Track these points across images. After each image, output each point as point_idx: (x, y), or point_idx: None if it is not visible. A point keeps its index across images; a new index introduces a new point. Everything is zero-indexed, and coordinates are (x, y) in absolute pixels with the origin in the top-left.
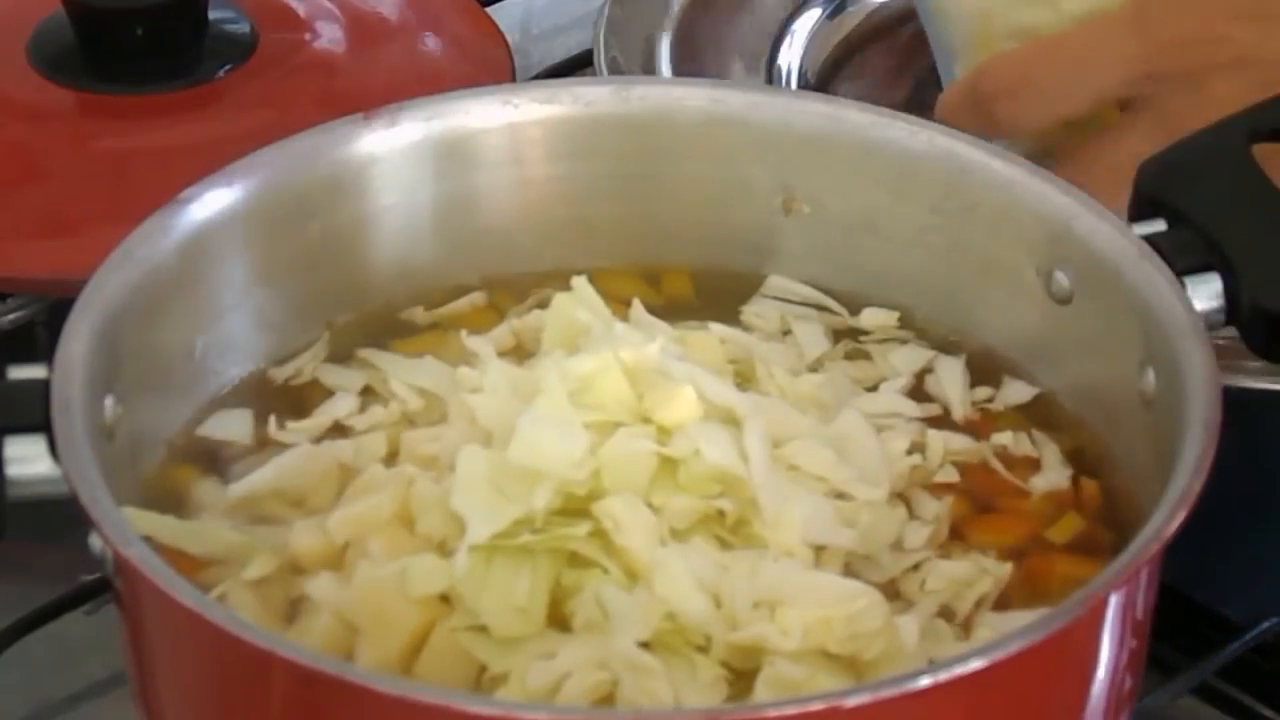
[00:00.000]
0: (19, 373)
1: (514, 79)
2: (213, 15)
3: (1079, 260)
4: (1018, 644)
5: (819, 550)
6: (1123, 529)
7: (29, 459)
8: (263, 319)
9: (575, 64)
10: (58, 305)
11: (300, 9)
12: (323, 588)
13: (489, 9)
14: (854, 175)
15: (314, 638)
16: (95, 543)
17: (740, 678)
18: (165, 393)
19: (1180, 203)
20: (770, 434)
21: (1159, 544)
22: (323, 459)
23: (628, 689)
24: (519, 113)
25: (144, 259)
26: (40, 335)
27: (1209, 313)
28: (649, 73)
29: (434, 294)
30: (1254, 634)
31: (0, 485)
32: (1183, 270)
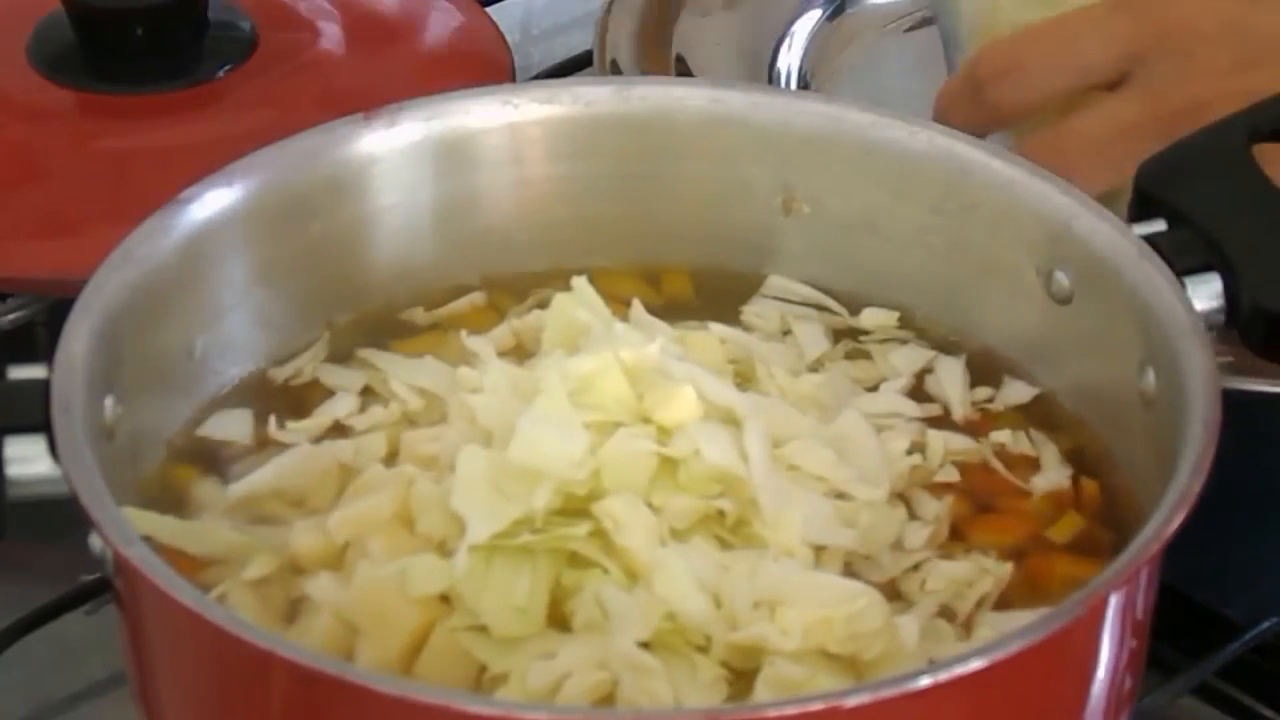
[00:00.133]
0: (19, 373)
1: (514, 79)
2: (213, 15)
3: (1079, 260)
4: (1018, 644)
5: (819, 550)
6: (1123, 529)
7: (29, 459)
8: (263, 319)
9: (575, 64)
10: (58, 305)
11: (300, 9)
12: (323, 588)
13: (489, 9)
14: (854, 175)
15: (314, 638)
16: (95, 543)
17: (740, 678)
18: (165, 393)
19: (1180, 203)
20: (770, 434)
21: (1159, 544)
22: (323, 459)
23: (628, 689)
24: (519, 113)
25: (144, 259)
26: (40, 335)
27: (1209, 313)
28: (649, 73)
29: (434, 294)
30: (1254, 634)
31: (0, 485)
32: (1183, 270)
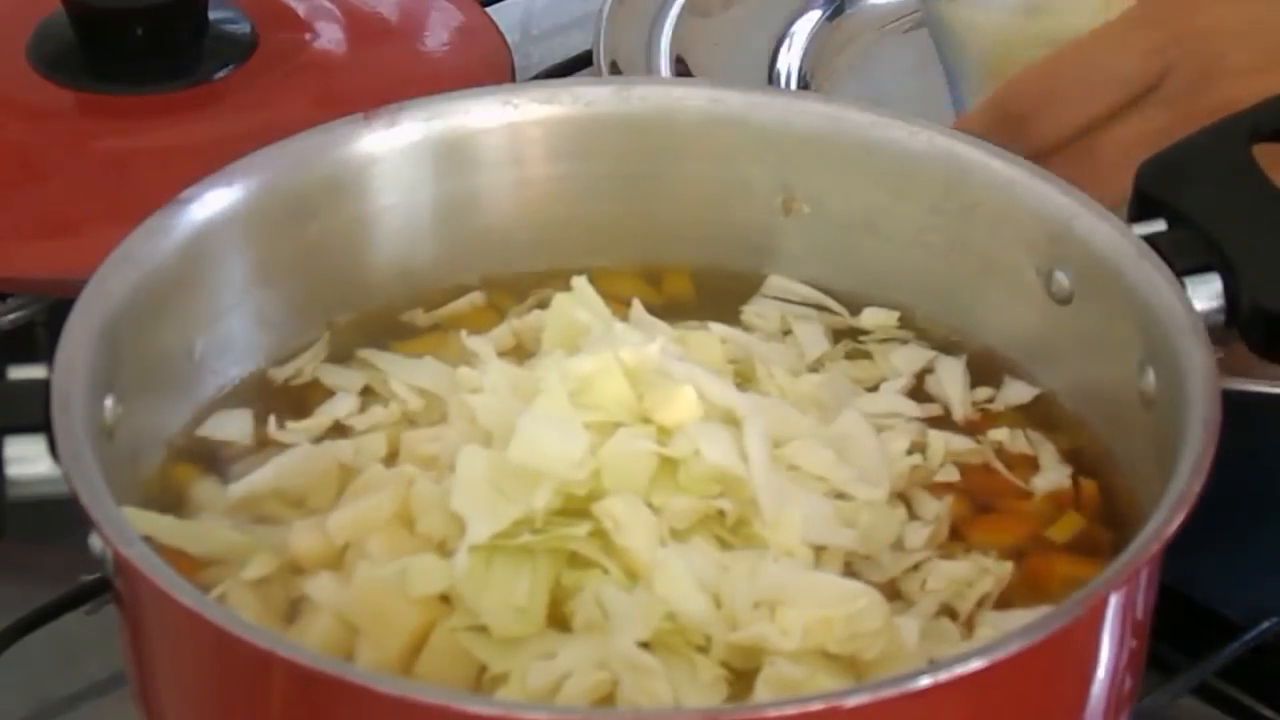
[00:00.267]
0: (19, 373)
1: (514, 79)
2: (213, 15)
3: (1079, 260)
4: (1018, 644)
5: (819, 550)
6: (1123, 529)
7: (29, 459)
8: (263, 319)
9: (575, 64)
10: (58, 305)
11: (300, 9)
12: (323, 588)
13: (489, 9)
14: (854, 175)
15: (314, 638)
16: (95, 543)
17: (740, 678)
18: (165, 393)
19: (1180, 203)
20: (770, 434)
21: (1159, 544)
22: (323, 459)
23: (628, 689)
24: (519, 113)
25: (144, 259)
26: (40, 335)
27: (1209, 313)
28: (649, 73)
29: (434, 294)
30: (1254, 634)
31: (0, 485)
32: (1183, 270)
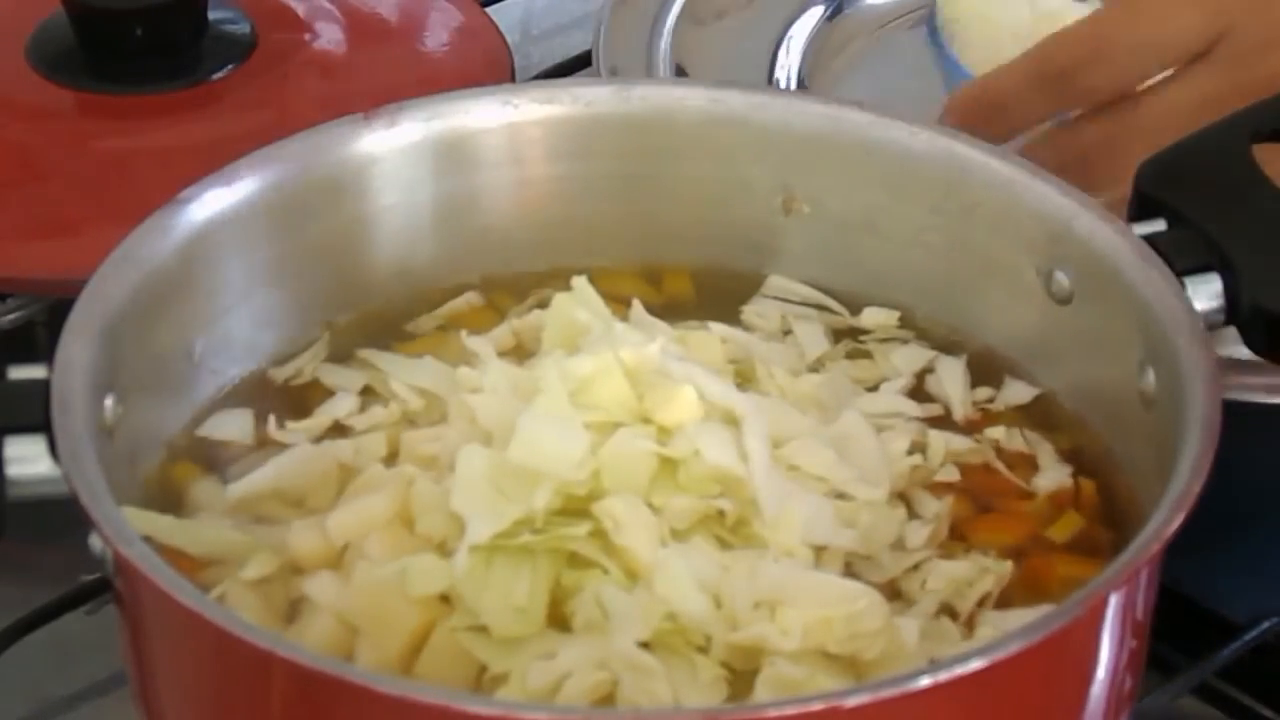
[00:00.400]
0: (19, 373)
1: (514, 79)
2: (213, 15)
3: (1079, 260)
4: (1018, 644)
5: (819, 550)
6: (1122, 529)
7: (29, 459)
8: (263, 319)
9: (575, 64)
10: (58, 305)
11: (300, 9)
12: (323, 588)
13: (489, 9)
14: (854, 175)
15: (314, 638)
16: (95, 543)
17: (740, 678)
18: (165, 393)
19: (1180, 203)
20: (770, 434)
21: (1159, 544)
22: (323, 459)
23: (628, 689)
24: (519, 113)
25: (144, 259)
26: (40, 335)
27: (1209, 313)
28: (648, 74)
29: (434, 294)
30: (1254, 634)
31: (0, 485)
32: (1183, 270)
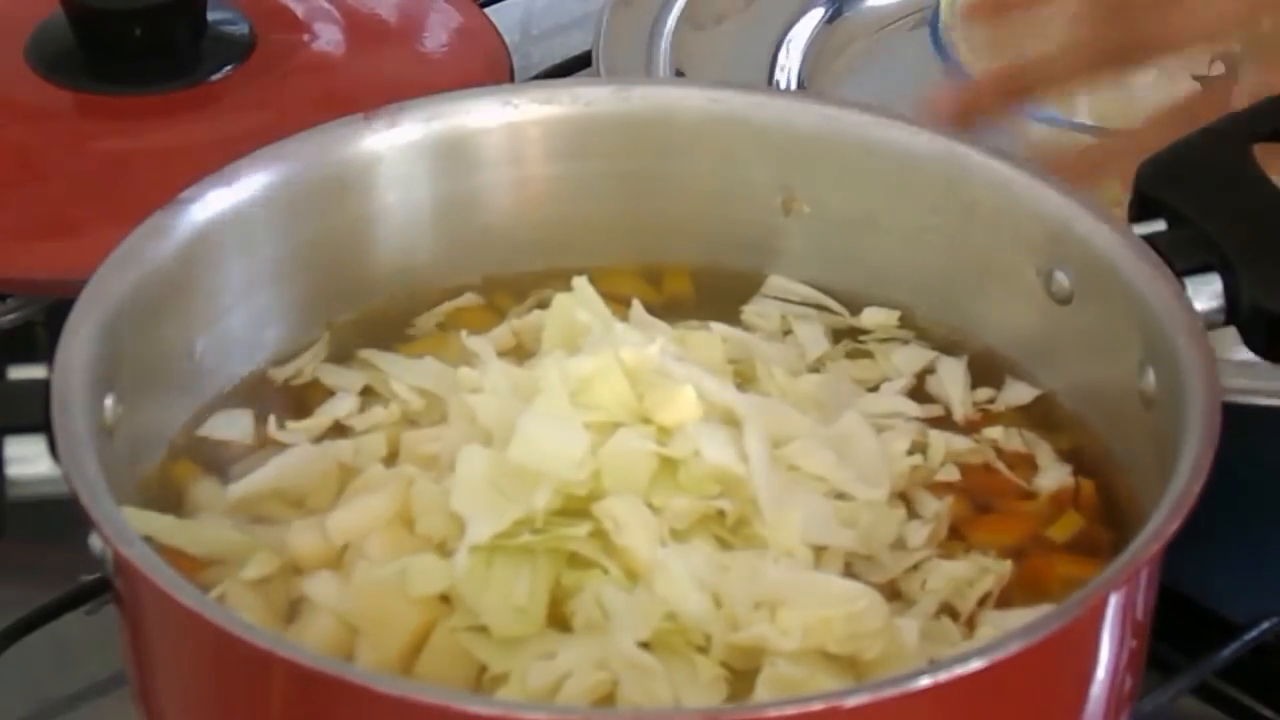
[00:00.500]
0: (19, 373)
1: (513, 79)
2: (212, 16)
3: (1079, 260)
4: (1018, 644)
5: (819, 551)
6: (1123, 529)
7: (29, 459)
8: (263, 319)
9: (575, 64)
10: (58, 305)
11: (299, 10)
12: (323, 588)
13: (489, 9)
14: (854, 175)
15: (314, 638)
16: (95, 543)
17: (740, 678)
18: (165, 393)
19: (1180, 203)
20: (770, 434)
21: (1159, 544)
22: (323, 459)
23: (628, 689)
24: (519, 113)
25: (144, 259)
26: (40, 335)
27: (1209, 313)
28: (648, 75)
29: (434, 294)
30: (1254, 634)
31: (0, 485)
32: (1183, 270)
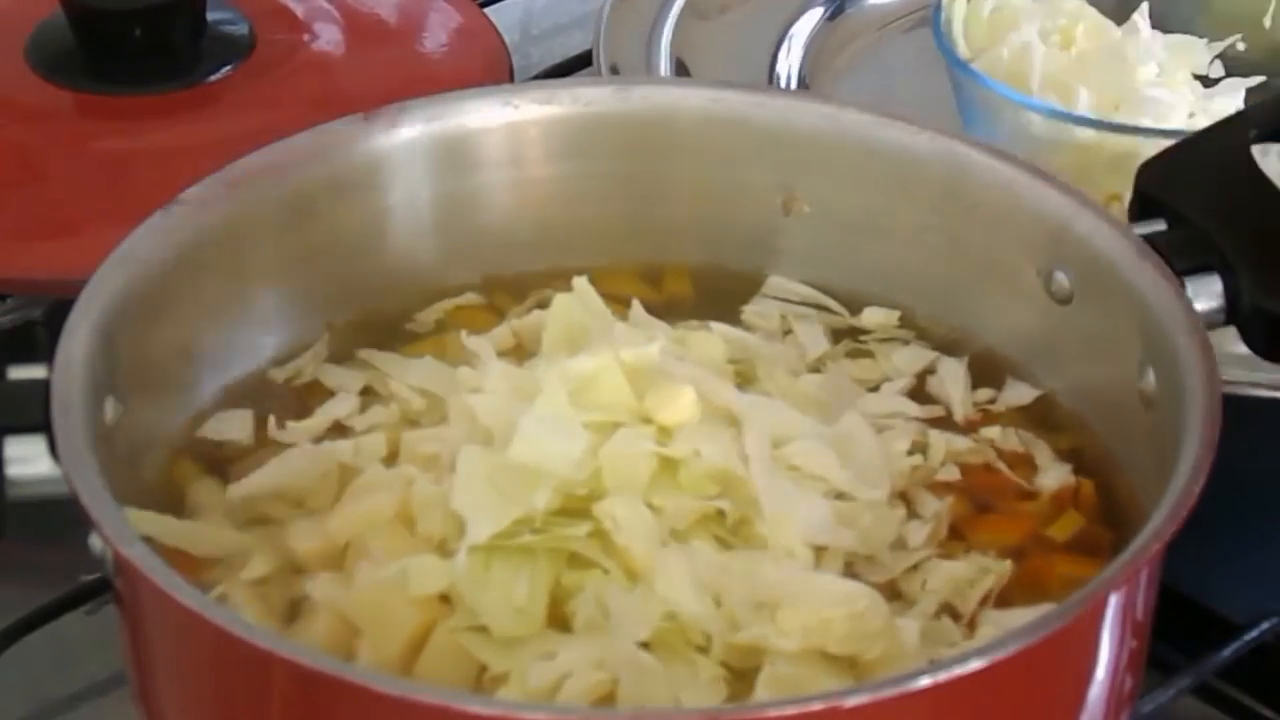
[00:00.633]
0: (19, 373)
1: (513, 79)
2: (211, 16)
3: (1079, 260)
4: (1018, 644)
5: (819, 551)
6: (1122, 529)
7: (29, 459)
8: (263, 319)
9: (575, 64)
10: (58, 305)
11: (299, 10)
12: (323, 588)
13: (489, 9)
14: (854, 175)
15: (314, 638)
16: (95, 543)
17: (740, 678)
18: (165, 393)
19: (1180, 203)
20: (770, 434)
21: (1159, 544)
22: (323, 459)
23: (628, 689)
24: (519, 113)
25: (144, 259)
26: (40, 335)
27: (1209, 313)
28: (649, 73)
29: (434, 294)
30: (1254, 634)
31: (0, 485)
32: (1183, 270)
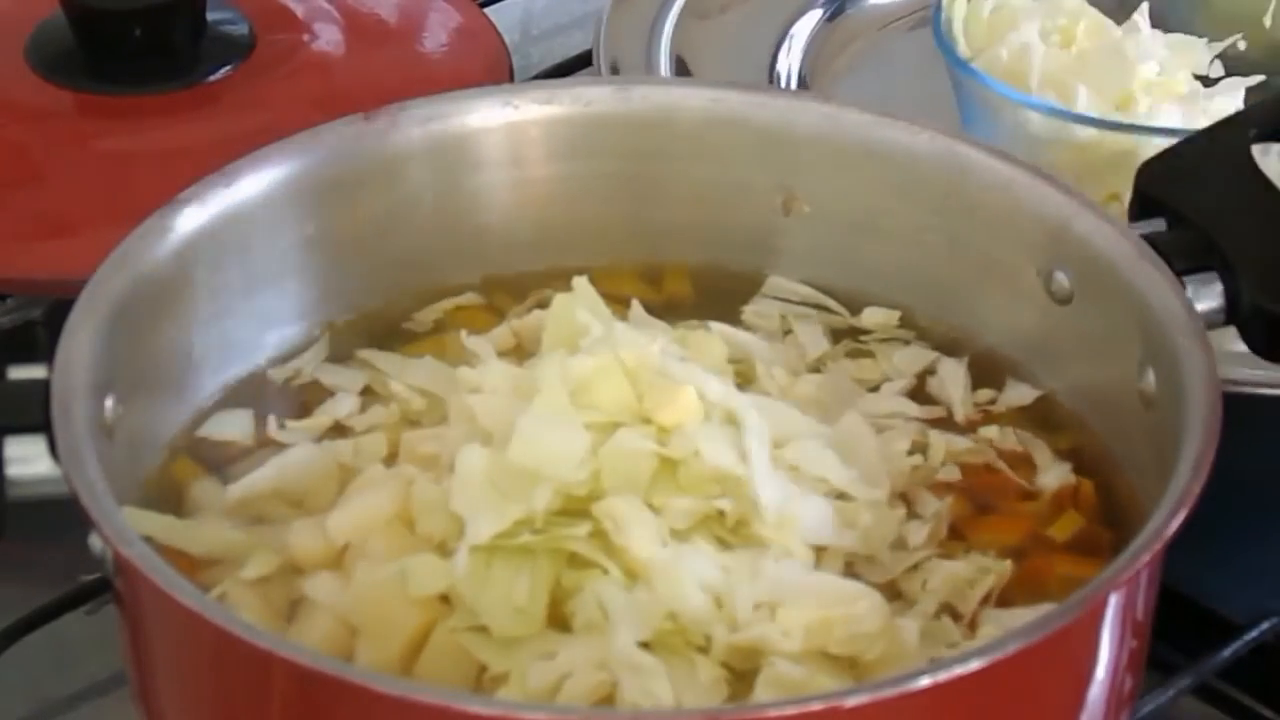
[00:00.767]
0: (19, 373)
1: (513, 79)
2: (211, 16)
3: (1079, 260)
4: (1017, 644)
5: (819, 551)
6: (1122, 529)
7: (29, 459)
8: (262, 319)
9: (575, 64)
10: (58, 305)
11: (298, 10)
12: (323, 588)
13: (489, 9)
14: (854, 175)
15: (314, 638)
16: (95, 543)
17: (740, 678)
18: (165, 393)
19: (1180, 203)
20: (770, 434)
21: (1159, 544)
22: (323, 459)
23: (628, 689)
24: (519, 113)
25: (144, 259)
26: (40, 335)
27: (1209, 313)
28: (649, 73)
29: (434, 294)
30: (1254, 634)
31: (0, 485)
32: (1183, 270)
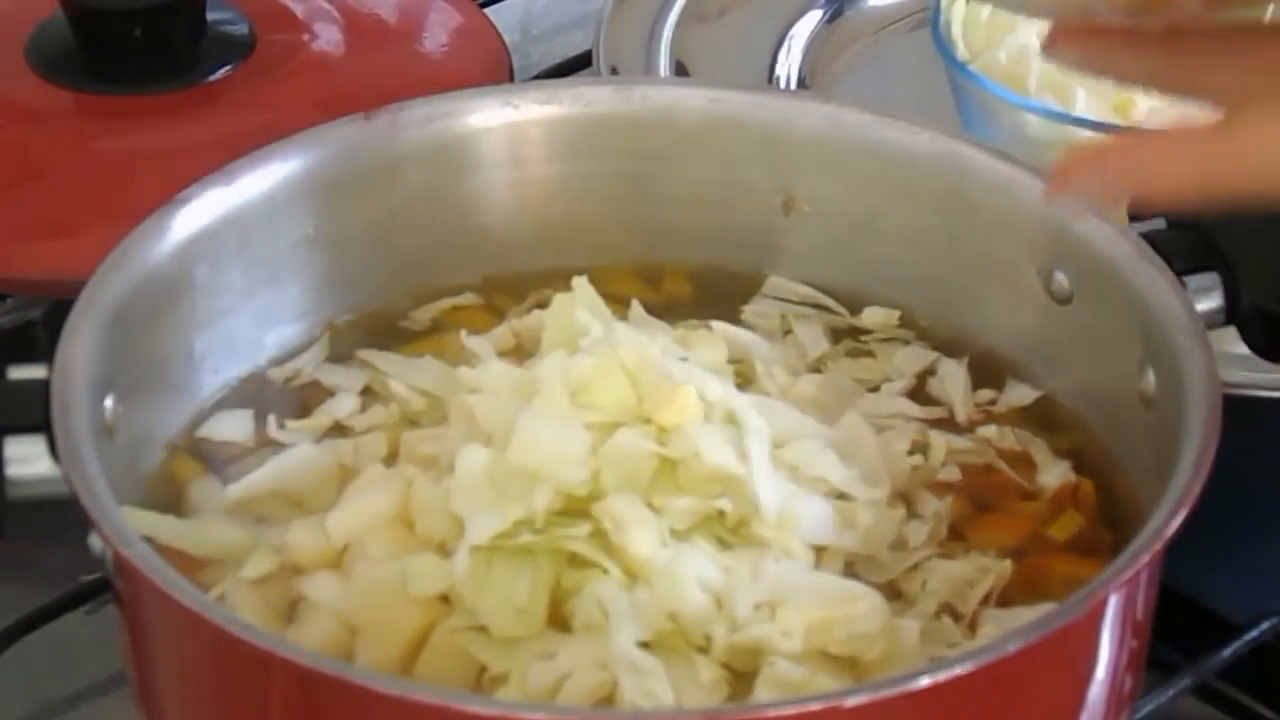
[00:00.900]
0: (19, 373)
1: (513, 79)
2: (211, 16)
3: (1079, 260)
4: (1018, 644)
5: (820, 551)
6: (1122, 529)
7: (29, 459)
8: (262, 319)
9: (575, 64)
10: (58, 305)
11: (299, 10)
12: (322, 588)
13: (489, 9)
14: (854, 175)
15: (314, 638)
16: (95, 543)
17: (740, 678)
18: (165, 393)
19: None
20: (770, 434)
21: (1159, 544)
22: (323, 459)
23: (628, 689)
24: (519, 113)
25: (143, 259)
26: (40, 335)
27: (1209, 313)
28: (649, 74)
29: (434, 294)
30: (1254, 634)
31: (0, 485)
32: (1183, 270)
